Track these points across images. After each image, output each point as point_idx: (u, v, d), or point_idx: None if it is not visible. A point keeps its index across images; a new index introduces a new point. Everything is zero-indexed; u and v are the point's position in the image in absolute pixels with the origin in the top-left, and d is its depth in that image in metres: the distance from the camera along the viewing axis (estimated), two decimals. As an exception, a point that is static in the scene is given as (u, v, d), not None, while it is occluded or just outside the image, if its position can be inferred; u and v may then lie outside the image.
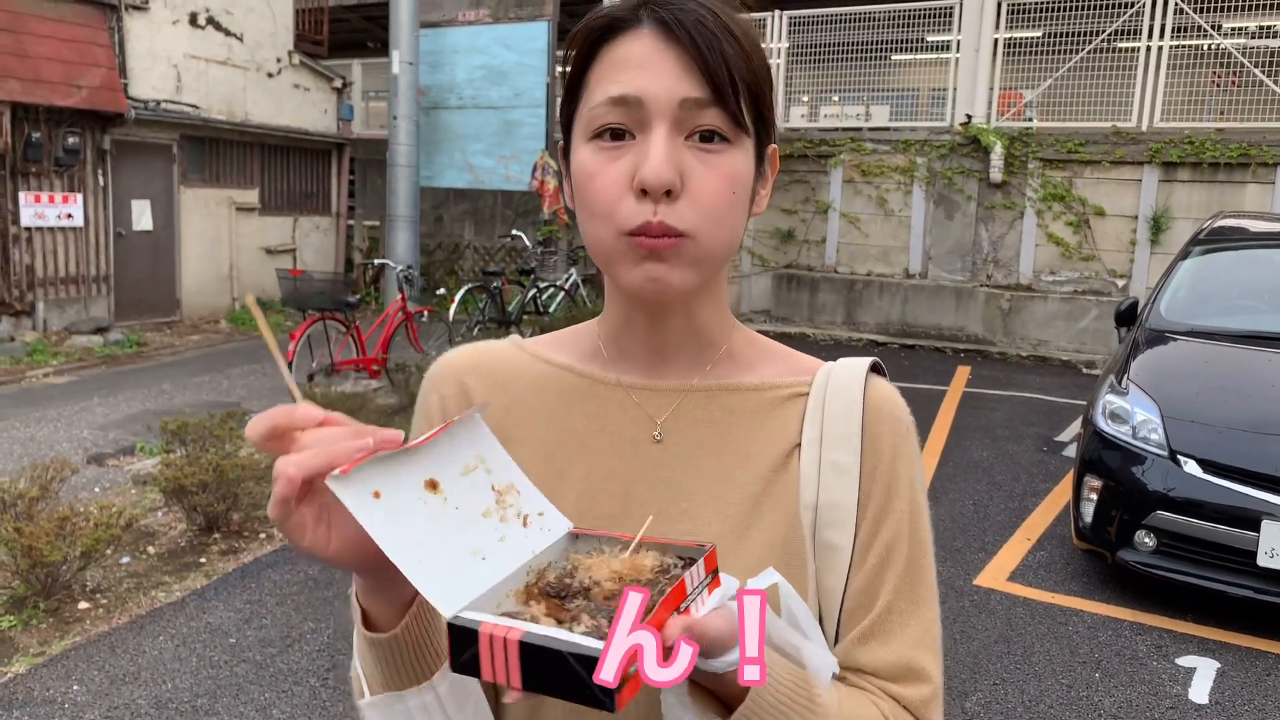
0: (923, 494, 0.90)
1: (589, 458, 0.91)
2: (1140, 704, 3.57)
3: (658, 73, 0.79)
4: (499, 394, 0.95)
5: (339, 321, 7.73)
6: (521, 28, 12.91)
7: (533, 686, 0.64)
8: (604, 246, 0.83)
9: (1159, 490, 4.21)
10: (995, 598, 4.44)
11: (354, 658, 0.85)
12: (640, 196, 0.79)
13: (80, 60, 10.08)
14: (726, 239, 0.83)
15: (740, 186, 0.82)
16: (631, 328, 0.92)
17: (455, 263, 14.22)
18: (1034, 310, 10.94)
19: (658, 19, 0.80)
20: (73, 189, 10.38)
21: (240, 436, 5.49)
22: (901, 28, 11.92)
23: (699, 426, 0.90)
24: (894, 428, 0.89)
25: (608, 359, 0.94)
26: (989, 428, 7.44)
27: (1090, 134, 10.67)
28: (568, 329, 1.02)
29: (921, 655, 0.85)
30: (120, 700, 3.45)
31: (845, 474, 0.87)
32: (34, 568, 3.97)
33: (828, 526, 0.86)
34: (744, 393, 0.91)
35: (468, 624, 0.66)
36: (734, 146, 0.81)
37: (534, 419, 0.94)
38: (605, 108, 0.80)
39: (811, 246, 12.26)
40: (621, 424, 0.91)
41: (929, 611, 0.87)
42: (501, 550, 0.75)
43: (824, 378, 0.91)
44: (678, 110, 0.79)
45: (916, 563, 0.87)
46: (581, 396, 0.94)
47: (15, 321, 10.01)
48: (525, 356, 0.99)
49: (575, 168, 0.84)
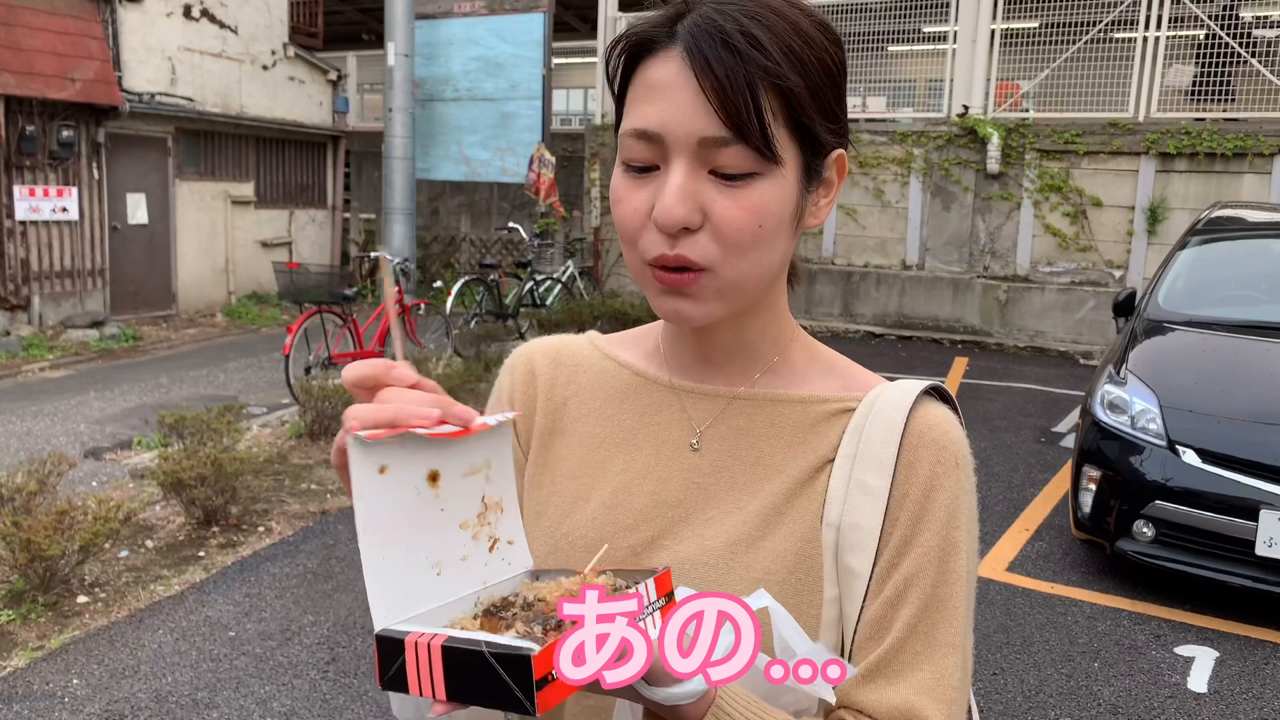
0: (965, 533, 0.83)
1: (630, 454, 0.92)
2: (1139, 693, 3.57)
3: (679, 106, 0.76)
4: (561, 384, 0.98)
5: (336, 314, 7.72)
6: (517, 19, 12.87)
7: (456, 696, 0.62)
8: (634, 270, 0.84)
9: (1157, 480, 4.21)
10: (994, 588, 4.45)
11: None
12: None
13: (74, 53, 10.04)
14: (752, 271, 0.81)
15: (769, 218, 0.79)
16: (681, 335, 0.93)
17: (452, 255, 14.20)
18: (1031, 301, 10.94)
19: (688, 41, 0.76)
20: (67, 182, 10.34)
21: (238, 430, 5.48)
22: (898, 18, 11.89)
23: (739, 435, 0.89)
24: (936, 456, 0.83)
25: (665, 360, 0.95)
26: (987, 419, 7.45)
27: (1087, 125, 10.66)
28: (640, 328, 1.03)
29: (928, 705, 0.78)
30: (120, 694, 3.45)
31: (873, 496, 0.82)
32: (32, 562, 3.96)
33: (848, 550, 0.82)
34: (790, 404, 0.89)
35: (395, 635, 0.65)
36: (762, 177, 0.78)
37: (588, 411, 0.96)
38: (631, 139, 0.79)
39: (808, 238, 12.24)
40: (666, 425, 0.92)
41: (948, 660, 0.80)
42: (459, 570, 0.75)
43: (874, 397, 0.87)
44: (697, 148, 0.77)
45: (942, 604, 0.81)
46: (634, 394, 0.95)
47: (10, 316, 9.98)
48: (594, 351, 1.01)
49: (611, 187, 0.84)
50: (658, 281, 0.80)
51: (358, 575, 4.47)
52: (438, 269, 13.85)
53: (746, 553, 0.83)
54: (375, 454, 0.69)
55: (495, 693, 0.60)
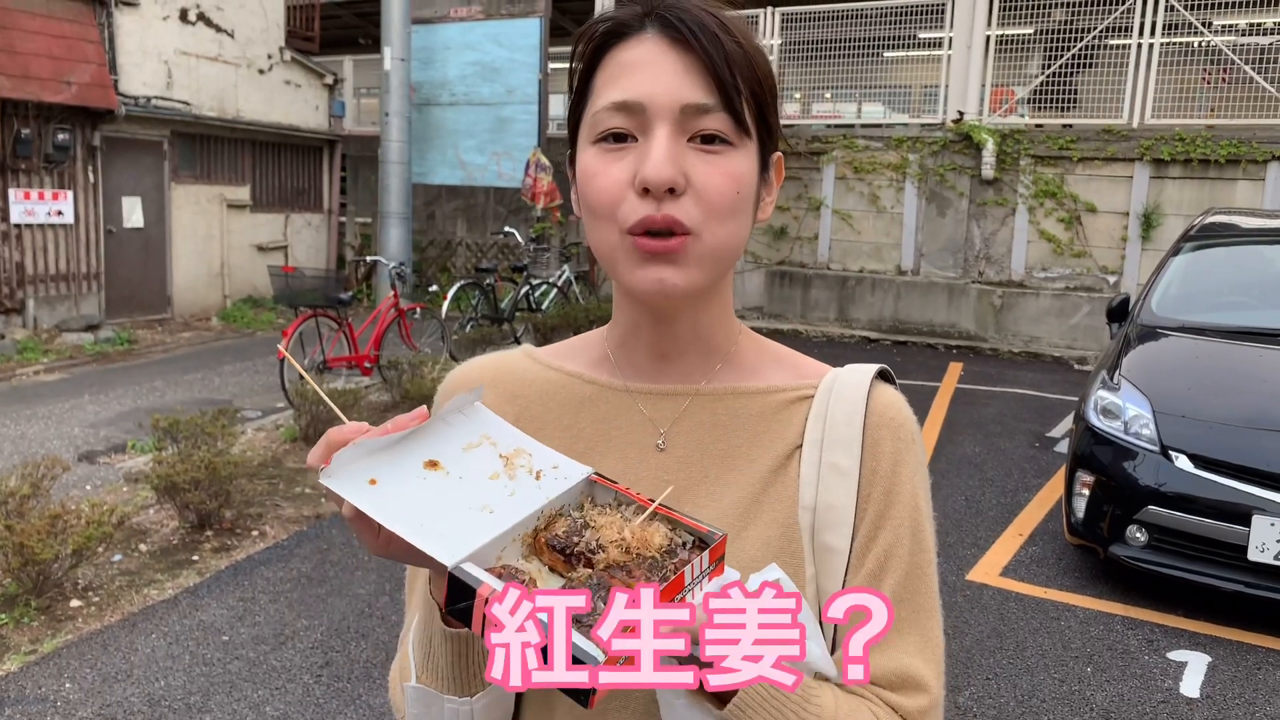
0: (926, 504, 0.89)
1: (595, 462, 0.91)
2: (1132, 698, 3.58)
3: (660, 77, 0.79)
4: (507, 404, 0.97)
5: (331, 318, 7.71)
6: (513, 24, 12.88)
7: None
8: (607, 247, 0.83)
9: (1150, 485, 4.22)
10: (988, 593, 4.45)
11: (408, 640, 0.89)
12: (642, 195, 0.79)
13: (70, 56, 10.03)
14: (730, 238, 0.83)
15: (744, 186, 0.82)
16: (638, 334, 0.93)
17: (448, 259, 14.20)
18: (1026, 307, 10.97)
19: (662, 22, 0.81)
20: (63, 186, 10.33)
21: (232, 434, 5.47)
22: (894, 24, 11.93)
23: (703, 430, 0.91)
24: (896, 434, 0.88)
25: (615, 365, 0.96)
26: (981, 424, 7.46)
27: (1082, 131, 10.70)
28: (577, 338, 1.03)
29: (920, 664, 0.83)
30: (113, 698, 3.44)
31: (844, 476, 0.86)
32: (25, 565, 3.95)
33: (826, 529, 0.86)
34: (749, 396, 0.92)
35: (468, 580, 0.66)
36: (737, 149, 0.81)
37: (542, 426, 0.95)
38: (608, 112, 0.81)
39: (804, 243, 12.27)
40: (627, 429, 0.93)
41: (930, 621, 0.86)
42: (512, 503, 0.75)
43: (830, 382, 0.91)
44: (680, 114, 0.79)
45: (918, 570, 0.86)
46: (589, 403, 0.95)
47: (5, 319, 9.96)
48: (535, 365, 1.00)
49: (579, 170, 0.85)
50: (640, 249, 0.81)
51: (351, 580, 4.47)
52: (434, 273, 13.84)
53: (733, 543, 0.84)
54: (352, 475, 0.71)
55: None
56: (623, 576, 0.70)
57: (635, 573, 0.70)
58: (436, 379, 6.88)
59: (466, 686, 0.83)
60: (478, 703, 0.83)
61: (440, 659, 0.83)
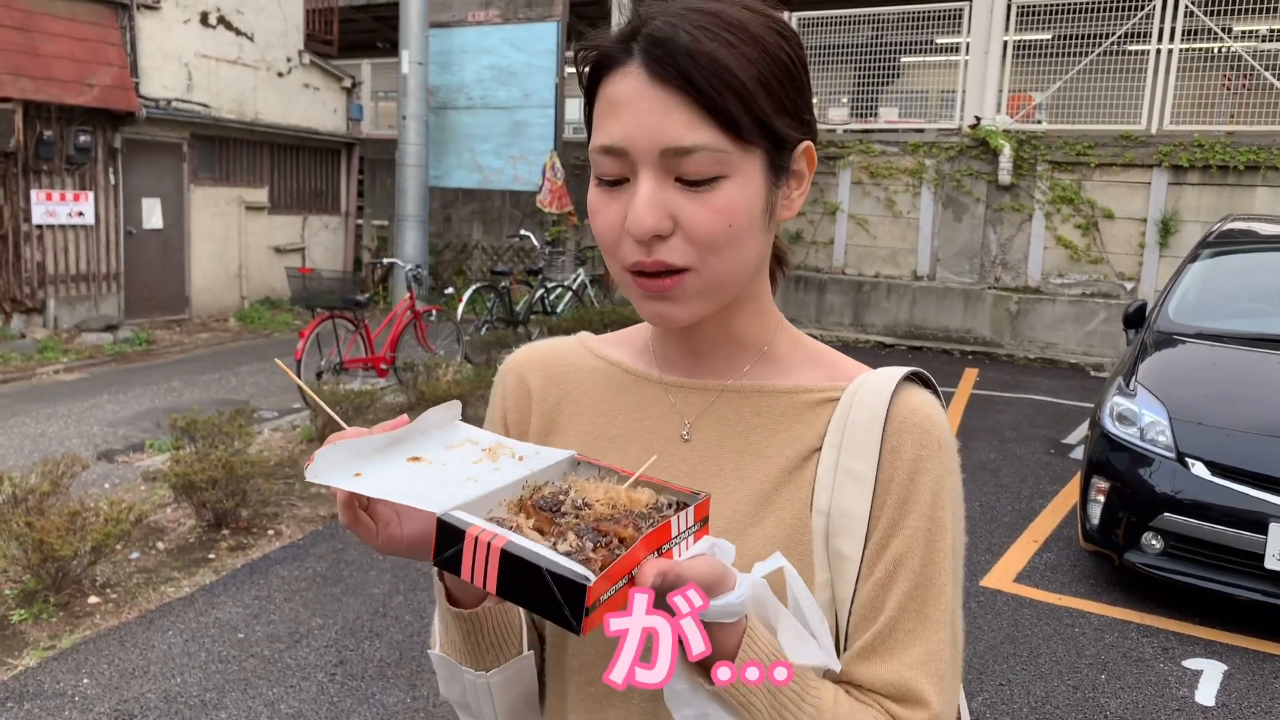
0: (949, 513, 0.86)
1: (624, 448, 0.95)
2: (1147, 706, 3.56)
3: (639, 118, 0.79)
4: (553, 387, 1.02)
5: (348, 320, 7.75)
6: (531, 28, 12.92)
7: (506, 595, 0.67)
8: (616, 277, 0.87)
9: (1166, 492, 4.20)
10: (1002, 599, 4.44)
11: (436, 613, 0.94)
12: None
13: (92, 59, 10.14)
14: (729, 269, 0.83)
15: (739, 216, 0.81)
16: (669, 332, 0.96)
17: (463, 262, 14.25)
18: (1042, 312, 10.92)
19: (645, 52, 0.79)
20: (84, 187, 10.43)
21: (249, 434, 5.51)
22: (911, 29, 11.91)
23: (726, 426, 0.92)
24: (919, 440, 0.86)
25: (653, 357, 0.99)
26: (997, 430, 7.43)
27: (1099, 137, 10.65)
28: (631, 328, 1.06)
29: (922, 678, 0.82)
30: (129, 694, 3.47)
31: (860, 483, 0.85)
32: (45, 562, 4.00)
33: (839, 535, 0.85)
34: (776, 395, 0.92)
35: (456, 523, 0.68)
36: (728, 179, 0.80)
37: (582, 410, 0.99)
38: (599, 155, 0.82)
39: (819, 248, 12.25)
40: (656, 418, 0.95)
41: (939, 634, 0.84)
42: (498, 475, 0.78)
43: (857, 385, 0.90)
44: (660, 158, 0.79)
45: (931, 581, 0.84)
46: (625, 391, 0.98)
47: (26, 319, 10.06)
48: (585, 352, 1.04)
49: (588, 201, 0.86)
50: (639, 287, 0.84)
51: (366, 579, 4.49)
52: (449, 276, 13.90)
53: (738, 538, 0.86)
54: (337, 469, 0.74)
55: (544, 604, 0.65)
56: (610, 526, 0.70)
57: (623, 521, 0.71)
58: (451, 381, 6.90)
59: (480, 661, 0.89)
60: (494, 678, 0.89)
61: (454, 634, 0.89)
